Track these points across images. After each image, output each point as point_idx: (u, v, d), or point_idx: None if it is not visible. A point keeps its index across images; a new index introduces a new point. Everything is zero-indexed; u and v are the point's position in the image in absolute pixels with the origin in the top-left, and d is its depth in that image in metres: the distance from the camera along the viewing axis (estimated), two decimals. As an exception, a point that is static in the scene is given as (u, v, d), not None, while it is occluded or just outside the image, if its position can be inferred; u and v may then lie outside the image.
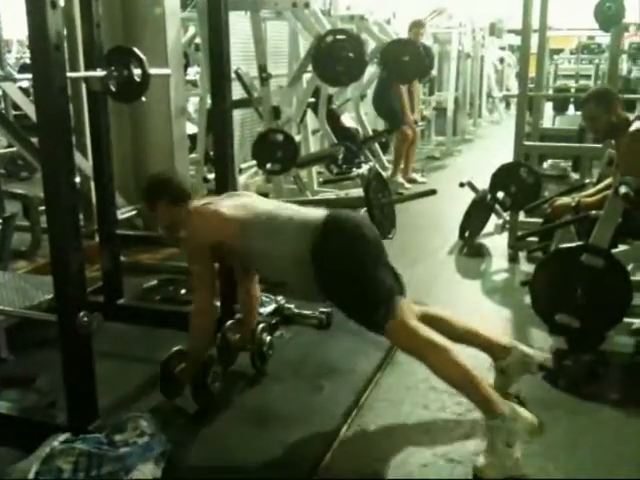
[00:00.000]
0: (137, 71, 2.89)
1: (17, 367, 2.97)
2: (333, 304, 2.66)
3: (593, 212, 3.29)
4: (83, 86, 3.58)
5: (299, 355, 3.11)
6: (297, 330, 3.34)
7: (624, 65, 11.13)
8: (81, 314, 2.15)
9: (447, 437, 2.45)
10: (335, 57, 4.74)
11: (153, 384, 2.78)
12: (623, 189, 2.91)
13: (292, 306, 3.45)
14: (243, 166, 5.68)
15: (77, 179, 2.64)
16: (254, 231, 2.53)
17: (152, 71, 2.92)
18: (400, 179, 7.16)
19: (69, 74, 2.60)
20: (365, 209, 4.05)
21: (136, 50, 2.94)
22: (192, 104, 6.79)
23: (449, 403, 2.64)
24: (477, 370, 2.32)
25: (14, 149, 4.56)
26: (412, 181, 7.31)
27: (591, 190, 3.76)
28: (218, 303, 2.97)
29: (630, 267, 3.37)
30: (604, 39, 10.83)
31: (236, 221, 2.55)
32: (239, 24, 5.80)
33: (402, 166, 7.29)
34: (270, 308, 3.39)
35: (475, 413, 2.53)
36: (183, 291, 3.76)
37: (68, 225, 2.16)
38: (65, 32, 4.22)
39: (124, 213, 4.29)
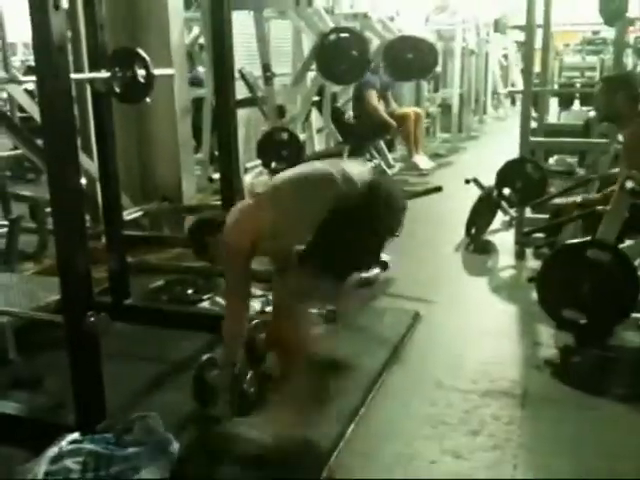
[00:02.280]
0: (141, 72, 2.91)
1: (25, 368, 2.98)
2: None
3: (600, 207, 3.28)
4: (88, 88, 3.58)
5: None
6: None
7: (629, 59, 11.06)
8: (88, 315, 2.16)
9: (454, 434, 2.44)
10: (339, 55, 4.74)
11: (161, 384, 2.81)
12: (629, 184, 2.90)
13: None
14: (248, 165, 5.68)
15: (83, 181, 2.65)
16: (281, 196, 2.48)
17: (156, 72, 2.94)
18: (417, 159, 7.23)
19: (73, 76, 2.62)
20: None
21: (140, 51, 2.95)
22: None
23: (456, 400, 2.64)
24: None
25: (20, 151, 4.57)
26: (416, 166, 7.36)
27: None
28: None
29: (638, 262, 3.36)
30: (609, 34, 10.76)
31: (262, 197, 2.51)
32: (243, 23, 5.81)
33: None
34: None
35: (482, 410, 2.54)
36: (190, 291, 3.77)
37: (74, 226, 2.16)
38: (69, 34, 4.27)
39: (130, 214, 4.29)
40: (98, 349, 2.26)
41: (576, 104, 9.60)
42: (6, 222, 3.95)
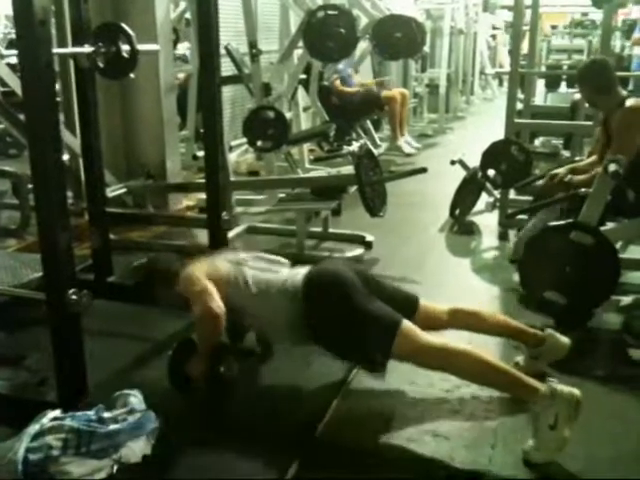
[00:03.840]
0: (125, 47, 2.87)
1: (7, 345, 2.98)
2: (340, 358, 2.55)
3: (582, 190, 3.30)
4: (72, 63, 3.54)
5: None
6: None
7: (617, 42, 11.06)
8: (69, 292, 2.15)
9: (434, 413, 2.47)
10: (326, 33, 4.69)
11: (143, 361, 2.81)
12: (612, 167, 2.92)
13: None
14: (234, 143, 5.64)
15: (65, 157, 2.63)
16: (243, 298, 2.51)
17: (140, 47, 2.90)
18: (402, 142, 7.25)
19: (56, 50, 2.59)
20: (356, 187, 4.05)
21: (124, 26, 2.91)
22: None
23: (436, 380, 2.65)
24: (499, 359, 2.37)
25: (2, 126, 4.51)
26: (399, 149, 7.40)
27: (583, 162, 3.76)
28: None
29: (618, 245, 3.40)
30: (597, 15, 10.76)
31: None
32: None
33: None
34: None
35: (462, 390, 2.57)
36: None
37: (56, 203, 2.15)
38: (53, 8, 4.19)
39: (114, 191, 4.26)
40: (80, 326, 2.26)
41: (563, 86, 9.60)
42: (-12, 198, 3.91)
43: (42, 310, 2.26)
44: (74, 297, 2.16)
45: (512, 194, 4.80)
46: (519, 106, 5.34)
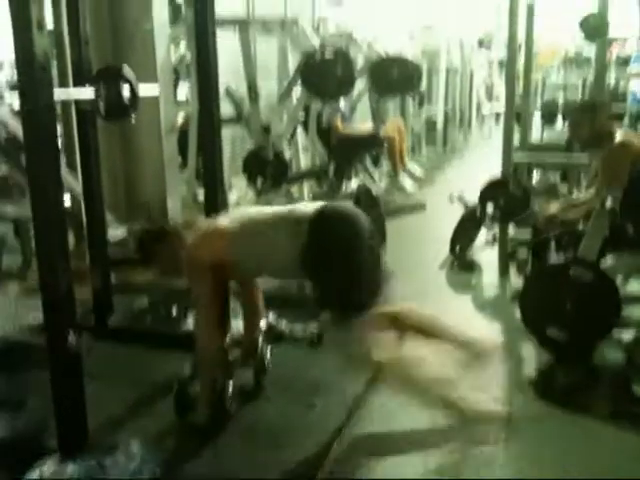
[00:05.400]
0: (126, 93, 2.91)
1: (7, 389, 2.95)
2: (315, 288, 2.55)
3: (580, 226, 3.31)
4: (73, 105, 3.58)
5: (290, 373, 3.10)
6: (287, 347, 3.33)
7: (612, 74, 11.18)
8: (70, 335, 2.15)
9: (438, 454, 2.44)
10: (324, 75, 4.76)
11: (143, 405, 2.78)
12: (610, 202, 2.94)
13: (283, 323, 3.44)
14: (234, 182, 5.68)
15: (66, 199, 2.64)
16: (244, 237, 2.52)
17: (141, 92, 2.94)
18: (403, 181, 7.31)
19: (57, 95, 2.61)
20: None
21: (125, 70, 2.96)
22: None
23: (440, 420, 2.63)
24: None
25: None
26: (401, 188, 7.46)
27: (581, 198, 3.77)
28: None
29: (619, 279, 3.39)
30: (592, 52, 10.90)
31: (226, 232, 2.53)
32: (228, 40, 5.83)
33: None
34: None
35: (466, 430, 2.54)
36: (174, 311, 3.75)
37: (56, 246, 2.16)
38: (54, 50, 4.26)
39: (115, 235, 4.26)
40: (80, 370, 2.25)
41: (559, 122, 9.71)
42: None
43: (43, 353, 2.25)
44: (74, 340, 2.16)
45: (512, 230, 4.80)
46: (516, 141, 5.38)
